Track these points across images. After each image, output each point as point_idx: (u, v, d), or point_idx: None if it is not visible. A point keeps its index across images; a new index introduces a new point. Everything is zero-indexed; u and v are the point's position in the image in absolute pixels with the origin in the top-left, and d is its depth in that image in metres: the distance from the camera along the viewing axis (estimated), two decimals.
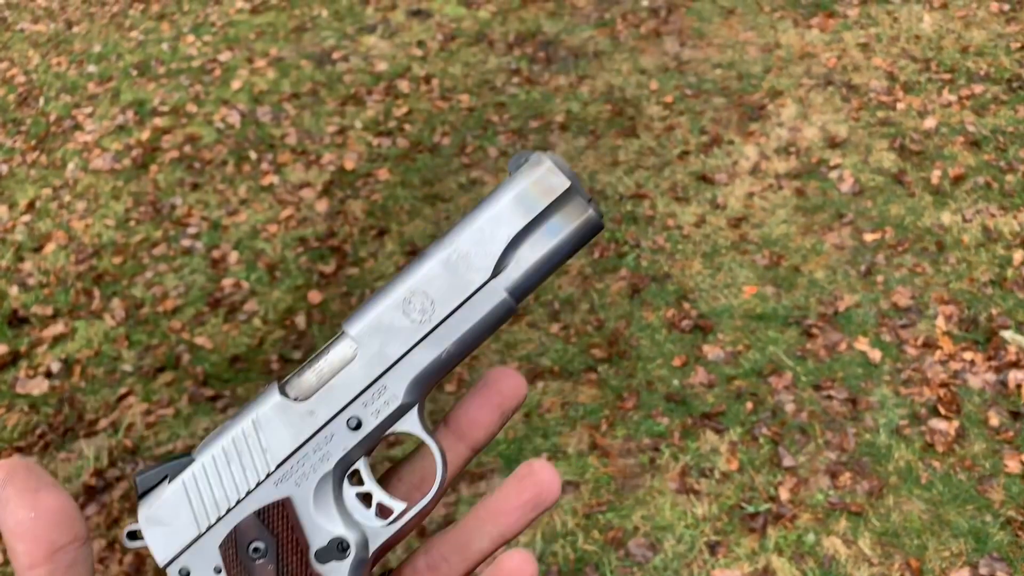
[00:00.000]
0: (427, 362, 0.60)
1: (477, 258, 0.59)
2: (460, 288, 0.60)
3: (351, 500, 0.62)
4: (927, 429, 3.08)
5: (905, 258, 3.72)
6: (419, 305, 0.60)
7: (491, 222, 0.60)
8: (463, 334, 0.60)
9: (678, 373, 3.40)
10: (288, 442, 0.60)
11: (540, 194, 0.60)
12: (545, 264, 0.60)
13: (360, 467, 0.62)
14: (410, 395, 0.61)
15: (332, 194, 4.51)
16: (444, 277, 0.60)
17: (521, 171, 0.61)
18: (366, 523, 0.61)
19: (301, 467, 0.60)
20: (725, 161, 4.36)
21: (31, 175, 4.89)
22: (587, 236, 0.61)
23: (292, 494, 0.59)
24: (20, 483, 0.52)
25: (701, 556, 2.84)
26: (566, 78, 5.12)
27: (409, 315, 0.60)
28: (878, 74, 4.78)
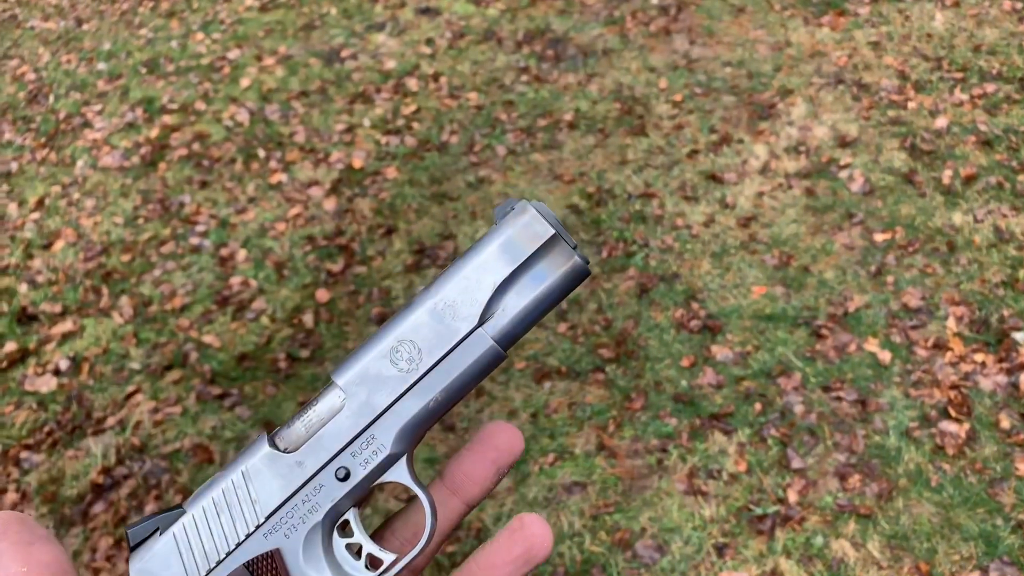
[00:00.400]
0: (415, 411, 0.60)
1: (463, 306, 0.59)
2: (447, 336, 0.60)
3: (341, 552, 0.61)
4: (937, 431, 3.06)
5: (916, 259, 3.69)
6: (406, 354, 0.60)
7: (477, 270, 0.60)
8: (451, 382, 0.60)
9: (686, 374, 3.38)
10: (277, 493, 0.59)
11: (525, 242, 0.60)
12: (532, 311, 0.60)
13: (350, 518, 0.61)
14: (399, 445, 0.60)
15: (340, 192, 4.50)
16: (431, 325, 0.60)
17: (506, 219, 0.60)
18: (356, 574, 0.61)
19: (290, 519, 0.59)
20: (734, 160, 4.34)
21: (40, 172, 4.90)
22: (573, 282, 0.61)
23: (281, 546, 0.59)
24: (13, 536, 0.51)
25: (709, 558, 2.82)
26: (575, 76, 5.10)
27: (396, 364, 0.60)
28: (889, 73, 4.75)
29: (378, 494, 3.08)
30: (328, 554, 0.60)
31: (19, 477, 3.33)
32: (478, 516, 3.01)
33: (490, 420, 3.28)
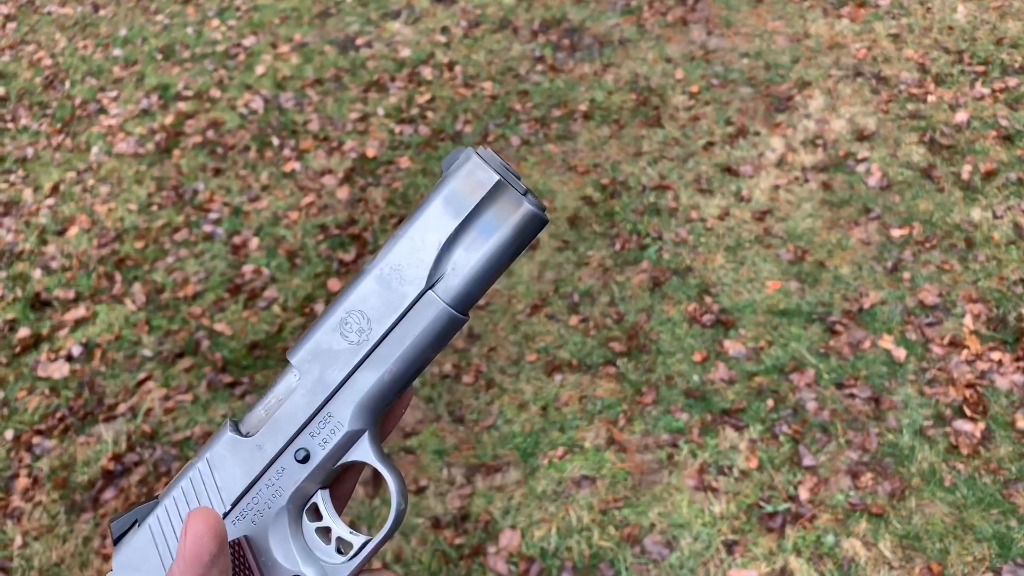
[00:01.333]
0: (370, 384, 0.57)
1: (409, 269, 0.56)
2: (395, 303, 0.56)
3: (311, 536, 0.59)
4: (952, 430, 3.02)
5: (933, 255, 3.65)
6: (355, 325, 0.56)
7: (421, 229, 0.56)
8: (405, 351, 0.56)
9: (698, 368, 3.36)
10: (241, 479, 0.57)
11: (468, 192, 0.55)
12: (485, 267, 0.56)
13: (318, 501, 0.59)
14: (357, 421, 0.57)
15: (353, 181, 4.49)
16: (378, 293, 0.56)
17: (450, 171, 0.56)
18: (326, 559, 0.59)
19: (256, 504, 0.57)
20: (751, 153, 4.30)
21: (56, 158, 4.92)
22: (528, 232, 0.56)
23: (249, 533, 0.57)
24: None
25: (718, 555, 2.81)
26: (591, 66, 5.06)
27: (347, 336, 0.56)
28: (909, 66, 4.68)
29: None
30: (297, 539, 0.58)
31: (31, 462, 3.35)
32: (486, 509, 3.00)
33: (500, 413, 3.27)
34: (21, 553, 3.05)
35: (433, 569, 2.87)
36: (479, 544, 2.91)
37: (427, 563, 2.89)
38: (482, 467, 3.14)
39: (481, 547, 2.90)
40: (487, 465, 3.14)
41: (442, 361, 3.50)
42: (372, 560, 0.60)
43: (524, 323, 3.63)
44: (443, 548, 2.92)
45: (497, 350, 3.53)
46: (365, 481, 3.13)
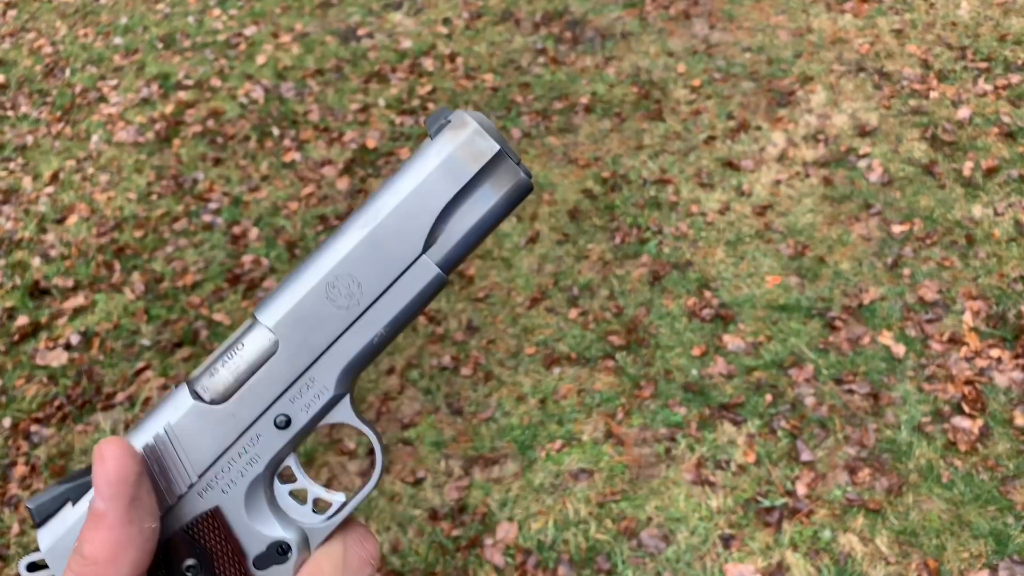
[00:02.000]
0: (358, 349, 0.56)
1: (406, 234, 0.54)
2: (389, 268, 0.55)
3: (284, 499, 0.58)
4: (950, 427, 3.02)
5: (933, 251, 3.64)
6: (345, 289, 0.55)
7: (418, 194, 0.54)
8: (396, 315, 0.55)
9: (697, 363, 3.35)
10: (210, 449, 0.55)
11: (468, 160, 0.54)
12: (476, 233, 0.56)
13: (291, 463, 0.57)
14: (342, 385, 0.56)
15: (353, 172, 4.48)
16: (371, 258, 0.55)
17: (444, 134, 0.55)
18: (304, 521, 0.58)
19: (227, 473, 0.55)
20: (752, 147, 4.29)
21: (55, 146, 4.91)
22: (518, 199, 0.56)
23: (220, 503, 0.55)
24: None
25: (715, 549, 2.81)
26: (592, 59, 5.05)
27: (335, 301, 0.55)
28: (912, 61, 4.67)
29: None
30: (272, 504, 0.57)
31: (29, 450, 3.35)
32: (484, 501, 3.00)
33: (498, 406, 3.26)
34: (18, 541, 3.06)
35: (430, 560, 2.87)
36: (476, 536, 2.92)
37: (424, 554, 2.89)
38: (480, 459, 3.14)
39: (478, 539, 2.91)
40: (485, 457, 3.14)
41: (441, 353, 3.50)
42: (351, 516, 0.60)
43: (523, 316, 3.62)
44: (440, 539, 2.92)
45: (496, 343, 3.53)
46: (362, 472, 3.12)
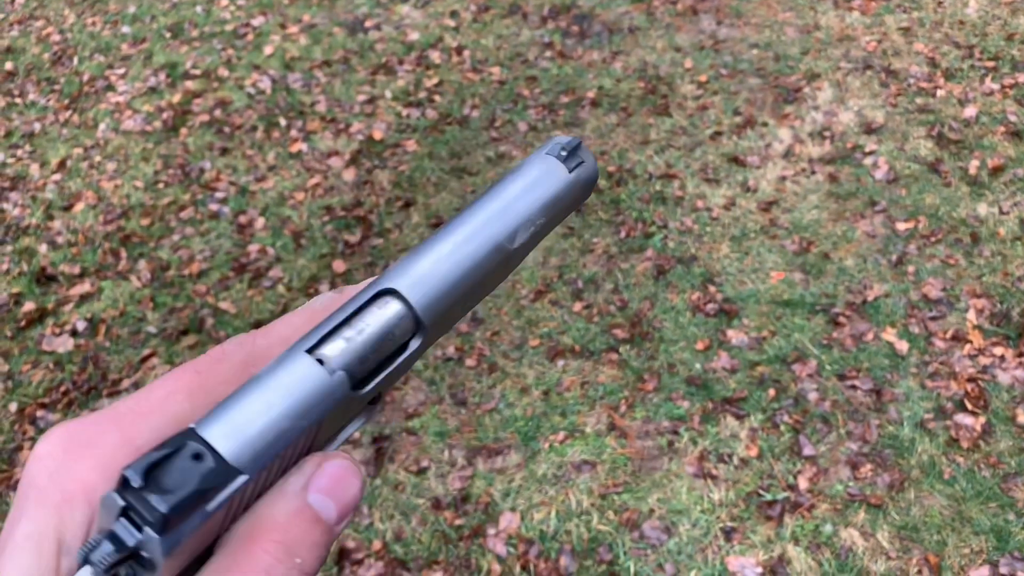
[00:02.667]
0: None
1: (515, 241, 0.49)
2: (505, 273, 0.51)
3: None
4: (952, 424, 3.03)
5: (938, 249, 3.65)
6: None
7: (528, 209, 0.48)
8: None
9: (701, 357, 3.36)
10: (327, 433, 0.44)
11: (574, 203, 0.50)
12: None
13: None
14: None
15: (360, 163, 4.49)
16: (498, 262, 0.47)
17: (578, 172, 0.49)
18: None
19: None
20: (758, 143, 4.30)
21: (63, 134, 4.92)
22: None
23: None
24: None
25: (716, 541, 2.82)
26: (599, 53, 5.05)
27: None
28: (919, 59, 4.67)
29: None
30: None
31: (35, 435, 3.37)
32: (487, 491, 3.01)
33: (502, 397, 3.28)
34: None
35: (433, 549, 2.89)
36: (479, 525, 2.93)
37: (427, 543, 2.90)
38: (483, 450, 3.15)
39: (481, 528, 2.92)
40: (488, 448, 3.16)
41: (445, 344, 3.51)
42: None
43: (528, 308, 3.63)
44: (443, 529, 2.93)
45: (500, 334, 3.54)
46: (367, 461, 3.14)
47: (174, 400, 0.37)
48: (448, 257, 0.42)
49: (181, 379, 0.38)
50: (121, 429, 0.36)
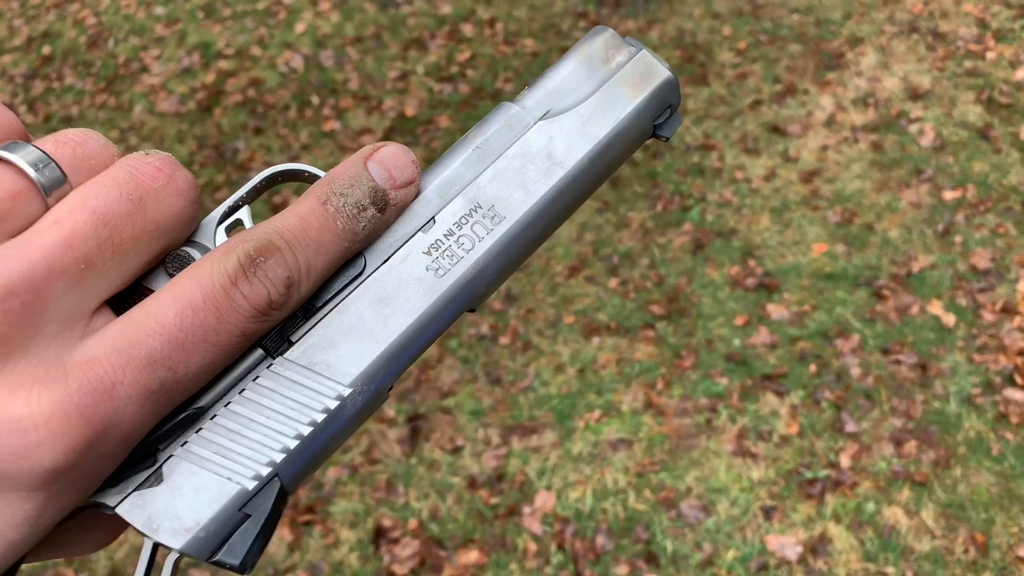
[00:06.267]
0: None
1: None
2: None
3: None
4: (1001, 399, 2.94)
5: (987, 218, 3.52)
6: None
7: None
8: None
9: (740, 332, 3.30)
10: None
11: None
12: None
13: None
14: None
15: (392, 141, 4.46)
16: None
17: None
18: None
19: None
20: (799, 112, 4.18)
21: (100, 117, 4.96)
22: None
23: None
24: None
25: (755, 520, 2.77)
26: (635, 22, 4.95)
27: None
28: (968, 21, 4.50)
29: None
30: None
31: None
32: (521, 469, 2.99)
33: (537, 375, 3.25)
34: None
35: (468, 528, 2.88)
36: (514, 504, 2.92)
37: (463, 521, 2.90)
38: (518, 428, 3.13)
39: (516, 507, 2.91)
40: (523, 426, 3.13)
41: (479, 322, 3.49)
42: None
43: (562, 285, 3.59)
44: (479, 507, 2.92)
45: (535, 312, 3.51)
46: (402, 440, 3.14)
47: (210, 374, 0.35)
48: (514, 264, 0.44)
49: (227, 346, 0.35)
50: (159, 412, 0.34)
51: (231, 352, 0.35)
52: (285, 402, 0.37)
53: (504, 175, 0.43)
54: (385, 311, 0.39)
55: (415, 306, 0.39)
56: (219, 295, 0.34)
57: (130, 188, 0.34)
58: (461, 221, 0.42)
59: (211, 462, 0.35)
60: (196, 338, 0.33)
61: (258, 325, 0.35)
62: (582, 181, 0.44)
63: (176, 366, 0.33)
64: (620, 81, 0.46)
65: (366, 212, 0.39)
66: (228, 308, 0.34)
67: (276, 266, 0.35)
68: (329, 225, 0.38)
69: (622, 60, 0.46)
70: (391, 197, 0.40)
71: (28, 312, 0.31)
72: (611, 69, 0.46)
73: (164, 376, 0.33)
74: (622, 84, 0.46)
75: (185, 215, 0.36)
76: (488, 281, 0.41)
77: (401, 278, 0.40)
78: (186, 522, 0.34)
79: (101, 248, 0.33)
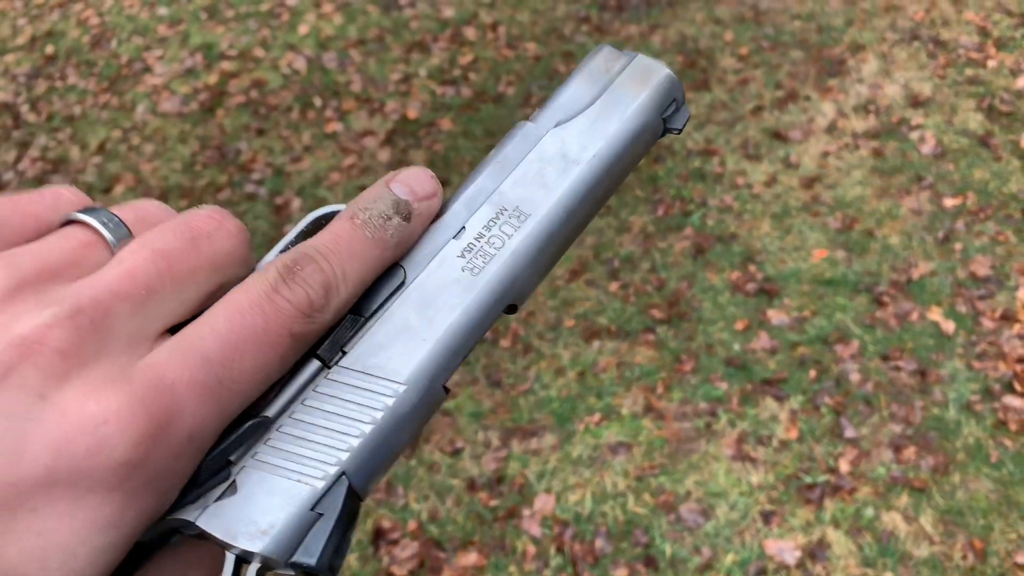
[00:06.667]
0: None
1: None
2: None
3: None
4: (1000, 406, 2.95)
5: (987, 225, 3.53)
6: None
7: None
8: None
9: (740, 337, 3.31)
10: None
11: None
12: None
13: None
14: None
15: (395, 143, 4.47)
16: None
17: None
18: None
19: None
20: (800, 118, 4.19)
21: (102, 117, 4.97)
22: None
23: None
24: None
25: (754, 525, 2.78)
26: (637, 27, 4.96)
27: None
28: (969, 29, 4.51)
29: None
30: None
31: None
32: (522, 473, 3.00)
33: (537, 378, 3.25)
34: None
35: (468, 529, 2.88)
36: (514, 507, 2.92)
37: (462, 524, 2.90)
38: (518, 431, 3.14)
39: (516, 510, 2.91)
40: (523, 429, 3.14)
41: None
42: None
43: (563, 288, 3.60)
44: (478, 509, 2.93)
45: (535, 315, 3.51)
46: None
47: (269, 370, 0.37)
48: (548, 265, 0.46)
49: (277, 345, 0.37)
50: (221, 410, 0.35)
51: (282, 352, 0.37)
52: (344, 405, 0.38)
53: (524, 179, 0.45)
54: (428, 312, 0.41)
55: (455, 304, 0.41)
56: (263, 300, 0.37)
57: (184, 231, 0.38)
58: (489, 224, 0.44)
59: (280, 467, 0.36)
60: (246, 337, 0.36)
61: (303, 326, 0.37)
62: (599, 175, 0.46)
63: (230, 363, 0.35)
64: (622, 83, 0.48)
65: (391, 221, 0.42)
66: (272, 310, 0.37)
67: (313, 273, 0.38)
68: (358, 235, 0.41)
69: (621, 66, 0.49)
70: (414, 208, 0.43)
71: (96, 329, 0.34)
72: (611, 76, 0.49)
73: (220, 373, 0.35)
74: (624, 85, 0.48)
75: (237, 254, 0.40)
76: (522, 277, 0.43)
77: (439, 281, 0.42)
78: (261, 525, 0.35)
79: (160, 277, 0.36)
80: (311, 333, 0.38)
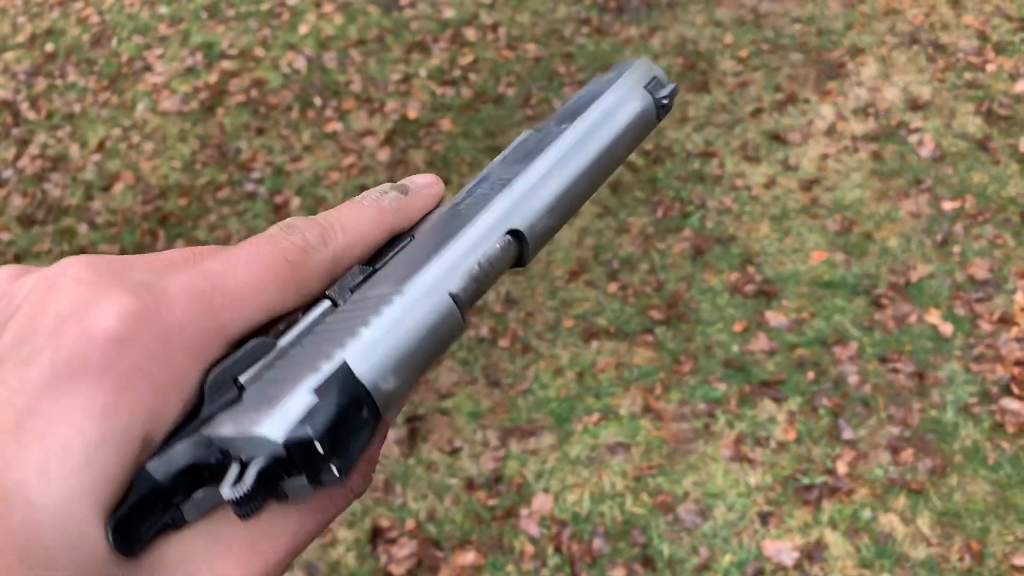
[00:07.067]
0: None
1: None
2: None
3: None
4: (998, 408, 2.95)
5: (985, 229, 3.54)
6: None
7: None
8: None
9: (738, 339, 3.31)
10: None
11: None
12: None
13: None
14: None
15: (394, 143, 4.48)
16: None
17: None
18: None
19: None
20: (799, 120, 4.20)
21: (102, 115, 4.97)
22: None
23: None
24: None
25: (752, 525, 2.78)
26: (637, 29, 4.97)
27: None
28: (968, 33, 4.53)
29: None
30: None
31: None
32: (520, 472, 3.00)
33: (536, 378, 3.26)
34: None
35: (466, 529, 2.88)
36: (512, 506, 2.92)
37: (460, 523, 2.90)
38: (516, 431, 3.14)
39: (514, 509, 2.91)
40: (521, 429, 3.14)
41: (479, 324, 3.50)
42: None
43: (562, 289, 3.60)
44: (476, 509, 2.93)
45: (534, 315, 3.52)
46: (400, 441, 3.14)
47: (266, 290, 0.37)
48: (555, 203, 0.43)
49: (271, 265, 0.37)
50: (214, 315, 0.35)
51: (279, 276, 0.37)
52: (346, 316, 0.38)
53: (516, 152, 0.47)
54: (429, 239, 0.42)
55: (455, 228, 0.42)
56: (263, 238, 0.39)
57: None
58: (481, 182, 0.46)
59: (283, 372, 0.36)
60: (242, 260, 0.37)
61: (299, 256, 0.38)
62: (592, 130, 0.45)
63: (225, 277, 0.36)
64: (606, 81, 0.49)
65: (388, 193, 0.43)
66: (270, 243, 0.38)
67: (310, 224, 0.40)
68: (357, 203, 0.42)
69: (611, 76, 0.50)
70: (412, 186, 0.45)
71: (110, 263, 0.36)
72: (602, 83, 0.50)
73: (215, 282, 0.35)
74: (608, 81, 0.49)
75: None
76: (524, 205, 0.42)
77: (439, 217, 0.44)
78: (261, 410, 0.34)
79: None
80: (309, 265, 0.38)
